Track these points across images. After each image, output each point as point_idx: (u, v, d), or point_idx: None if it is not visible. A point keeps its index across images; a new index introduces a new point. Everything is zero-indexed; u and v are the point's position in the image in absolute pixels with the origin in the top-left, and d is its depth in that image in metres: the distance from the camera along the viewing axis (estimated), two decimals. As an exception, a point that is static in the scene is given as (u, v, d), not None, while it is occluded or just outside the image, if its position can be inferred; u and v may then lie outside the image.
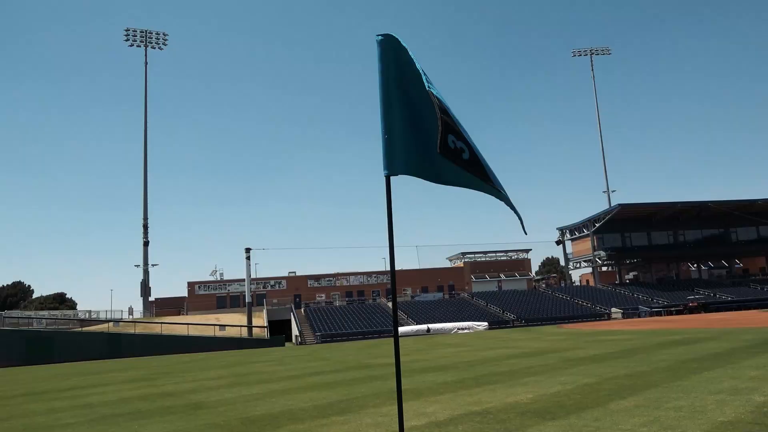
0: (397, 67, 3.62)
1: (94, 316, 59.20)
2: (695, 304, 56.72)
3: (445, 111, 3.44)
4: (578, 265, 78.17)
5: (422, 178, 3.57)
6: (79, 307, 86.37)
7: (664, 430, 5.93)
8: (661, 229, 72.31)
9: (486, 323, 51.04)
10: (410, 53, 3.66)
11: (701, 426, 5.99)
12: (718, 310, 55.28)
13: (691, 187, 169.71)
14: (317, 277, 73.72)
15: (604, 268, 77.72)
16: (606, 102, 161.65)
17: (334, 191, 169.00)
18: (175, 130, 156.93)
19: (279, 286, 72.30)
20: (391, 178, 3.54)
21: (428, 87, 3.43)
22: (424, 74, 3.56)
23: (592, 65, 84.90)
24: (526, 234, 3.68)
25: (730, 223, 72.38)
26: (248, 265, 57.62)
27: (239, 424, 8.15)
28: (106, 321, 55.22)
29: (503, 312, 57.94)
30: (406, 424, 6.51)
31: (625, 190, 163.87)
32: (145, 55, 72.79)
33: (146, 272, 67.60)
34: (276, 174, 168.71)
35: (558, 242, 77.53)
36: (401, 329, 47.78)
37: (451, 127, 3.44)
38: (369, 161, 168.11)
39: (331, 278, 73.85)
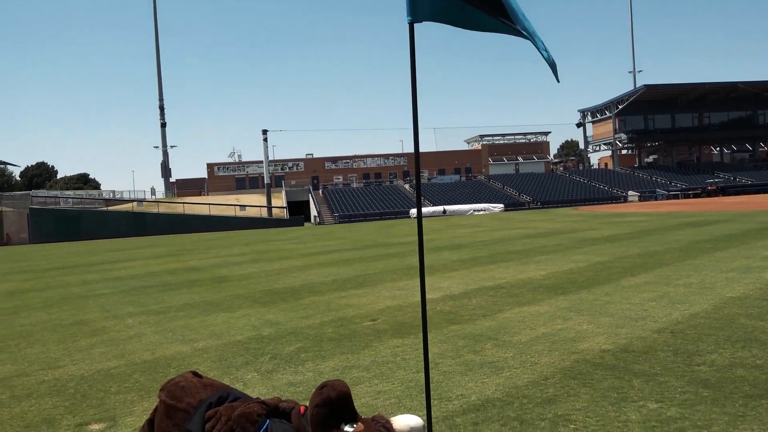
0: None
1: (117, 196, 60.62)
2: (713, 187, 56.31)
3: None
4: (598, 148, 77.07)
5: (448, 23, 3.29)
6: (102, 188, 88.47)
7: (672, 304, 6.11)
8: (686, 111, 70.24)
9: (502, 205, 51.54)
10: None
11: (709, 301, 6.16)
12: (737, 193, 54.96)
13: (720, 69, 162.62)
14: (334, 159, 73.92)
15: (624, 152, 76.58)
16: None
17: (351, 70, 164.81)
18: (187, 10, 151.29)
19: (297, 168, 72.81)
20: (415, 26, 3.25)
21: None
22: None
23: (627, -68, 78.49)
24: (558, 82, 3.50)
25: (759, 105, 69.95)
26: (266, 147, 57.81)
27: (262, 296, 8.56)
28: (130, 201, 56.63)
29: (519, 194, 58.25)
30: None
31: (652, 72, 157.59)
32: None
33: (165, 153, 68.14)
34: (292, 54, 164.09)
35: (578, 125, 75.94)
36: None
37: None
38: (386, 33, 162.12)
39: (348, 160, 74.01)
